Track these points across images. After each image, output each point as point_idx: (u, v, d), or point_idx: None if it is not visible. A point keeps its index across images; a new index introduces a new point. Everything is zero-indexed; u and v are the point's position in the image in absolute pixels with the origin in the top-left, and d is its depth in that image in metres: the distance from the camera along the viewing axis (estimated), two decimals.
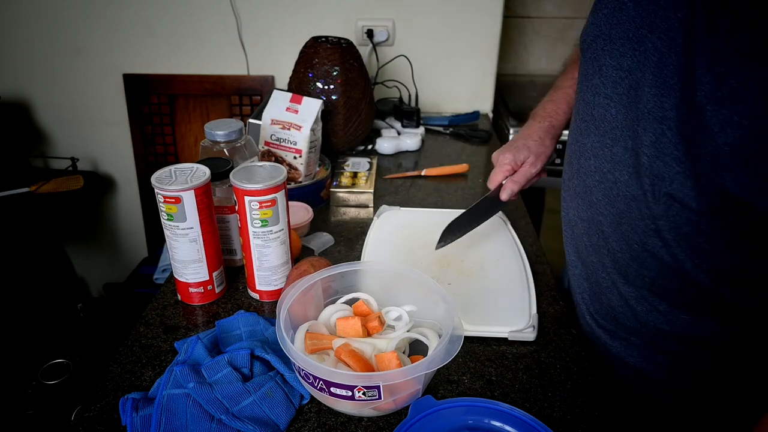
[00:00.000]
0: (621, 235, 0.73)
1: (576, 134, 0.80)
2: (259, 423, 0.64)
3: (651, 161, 0.63)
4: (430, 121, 1.60)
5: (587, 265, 0.83)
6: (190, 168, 0.80)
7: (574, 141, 0.81)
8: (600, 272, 0.79)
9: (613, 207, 0.72)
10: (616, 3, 0.69)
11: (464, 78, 1.73)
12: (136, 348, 0.77)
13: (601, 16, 0.72)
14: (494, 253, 0.95)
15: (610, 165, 0.71)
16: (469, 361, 0.75)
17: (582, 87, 0.78)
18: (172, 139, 1.86)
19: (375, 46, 1.65)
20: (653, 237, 0.68)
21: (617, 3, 0.68)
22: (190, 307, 0.86)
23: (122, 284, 1.86)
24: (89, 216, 2.03)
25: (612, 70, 0.69)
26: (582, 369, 0.74)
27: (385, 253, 0.95)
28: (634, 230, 0.70)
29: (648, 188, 0.65)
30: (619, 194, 0.71)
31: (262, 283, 0.85)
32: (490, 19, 1.64)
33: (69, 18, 1.73)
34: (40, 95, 1.86)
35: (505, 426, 0.64)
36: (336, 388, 0.62)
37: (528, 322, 0.79)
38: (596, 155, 0.74)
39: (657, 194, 0.64)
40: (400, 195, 1.22)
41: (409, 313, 0.74)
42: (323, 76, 1.27)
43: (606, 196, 0.73)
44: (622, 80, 0.67)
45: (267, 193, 0.77)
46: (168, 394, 0.66)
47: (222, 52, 1.74)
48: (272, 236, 0.81)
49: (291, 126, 1.13)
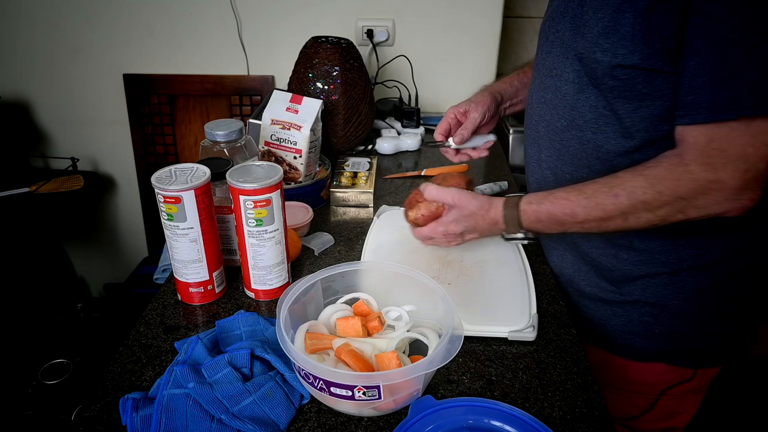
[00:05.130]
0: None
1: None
2: (259, 423, 0.64)
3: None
4: (430, 121, 1.60)
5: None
6: (190, 168, 0.81)
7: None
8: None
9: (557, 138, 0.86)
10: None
11: (464, 78, 1.73)
12: (136, 348, 0.77)
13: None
14: (494, 253, 0.95)
15: (552, 107, 0.85)
16: (469, 361, 0.75)
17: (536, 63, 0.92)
18: (172, 139, 1.86)
19: (375, 46, 1.65)
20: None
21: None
22: (190, 307, 0.86)
23: (122, 284, 1.86)
24: (89, 216, 2.03)
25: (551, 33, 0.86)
26: (582, 369, 0.74)
27: (385, 253, 0.95)
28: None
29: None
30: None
31: (257, 282, 0.85)
32: (490, 19, 1.64)
33: (69, 18, 1.73)
34: (40, 95, 1.86)
35: (505, 426, 0.64)
36: (336, 388, 0.62)
37: (528, 322, 0.79)
38: (541, 101, 0.88)
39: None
40: (400, 195, 1.22)
41: (409, 313, 0.74)
42: (323, 76, 1.27)
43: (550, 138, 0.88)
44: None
45: (261, 193, 0.77)
46: (168, 394, 0.66)
47: (222, 52, 1.74)
48: (267, 236, 0.81)
49: (291, 126, 1.13)
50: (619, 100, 0.75)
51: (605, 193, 0.74)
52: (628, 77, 0.72)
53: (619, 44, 0.71)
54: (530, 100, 0.93)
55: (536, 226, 0.81)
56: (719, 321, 0.88)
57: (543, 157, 0.90)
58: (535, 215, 0.80)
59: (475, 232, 0.86)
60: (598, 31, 0.73)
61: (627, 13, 0.69)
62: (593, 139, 0.80)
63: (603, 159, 0.80)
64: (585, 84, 0.79)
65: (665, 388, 0.93)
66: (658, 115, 0.74)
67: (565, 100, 0.82)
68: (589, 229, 0.78)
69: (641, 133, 0.76)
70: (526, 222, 0.81)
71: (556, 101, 0.84)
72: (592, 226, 0.77)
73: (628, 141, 0.77)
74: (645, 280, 0.86)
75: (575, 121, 0.82)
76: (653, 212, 0.72)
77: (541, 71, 0.89)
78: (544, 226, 0.80)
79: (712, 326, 0.88)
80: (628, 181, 0.73)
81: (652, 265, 0.85)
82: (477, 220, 0.84)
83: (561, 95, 0.83)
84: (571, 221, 0.77)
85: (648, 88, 0.72)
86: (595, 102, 0.78)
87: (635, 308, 0.88)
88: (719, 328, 0.89)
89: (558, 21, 0.84)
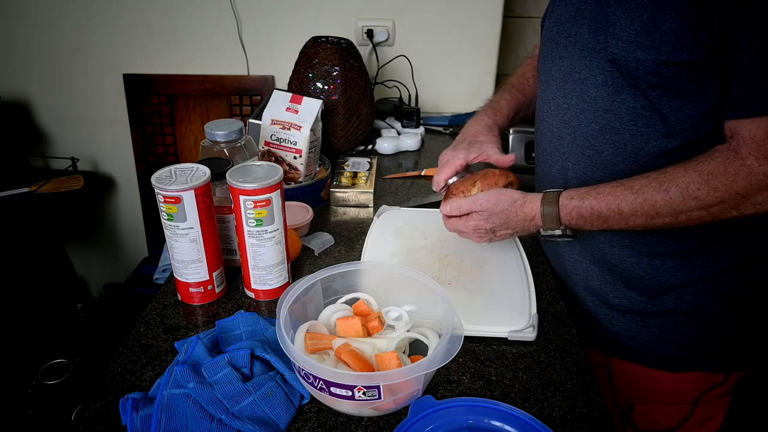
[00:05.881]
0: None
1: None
2: (259, 423, 0.64)
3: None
4: (430, 121, 1.60)
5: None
6: (190, 168, 0.81)
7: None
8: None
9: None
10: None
11: (464, 78, 1.73)
12: (136, 348, 0.77)
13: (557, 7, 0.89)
14: (494, 252, 0.95)
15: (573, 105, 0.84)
16: (469, 361, 0.75)
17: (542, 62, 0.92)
18: (172, 139, 1.86)
19: (375, 46, 1.65)
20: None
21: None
22: (190, 307, 0.86)
23: (122, 284, 1.86)
24: (89, 216, 2.03)
25: (561, 37, 0.86)
26: (582, 369, 0.74)
27: (385, 253, 0.95)
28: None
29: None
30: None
31: (257, 281, 0.85)
32: (490, 19, 1.64)
33: (69, 18, 1.73)
34: (40, 95, 1.86)
35: (505, 426, 0.64)
36: (336, 388, 0.62)
37: (528, 322, 0.79)
38: (563, 107, 0.85)
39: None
40: (400, 195, 1.22)
41: (409, 313, 0.74)
42: (323, 76, 1.27)
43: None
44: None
45: (262, 193, 0.77)
46: (168, 394, 0.66)
47: (222, 52, 1.74)
48: (267, 236, 0.81)
49: (291, 126, 1.13)
50: (663, 99, 0.73)
51: (655, 189, 0.72)
52: (674, 74, 0.71)
53: (663, 41, 0.69)
54: (546, 108, 0.90)
55: (577, 222, 0.78)
56: (754, 323, 0.87)
57: (569, 165, 0.87)
58: (577, 211, 0.77)
59: (508, 229, 0.84)
60: (635, 29, 0.71)
61: (668, 9, 0.68)
62: (631, 142, 0.78)
63: (642, 162, 0.78)
64: (620, 85, 0.76)
65: (699, 395, 0.91)
66: (704, 112, 0.72)
67: (595, 103, 0.80)
68: (634, 226, 0.75)
69: (687, 131, 0.74)
70: (566, 218, 0.79)
71: (584, 106, 0.82)
72: (638, 223, 0.75)
73: (671, 141, 0.75)
74: (681, 289, 0.84)
75: (610, 125, 0.79)
76: (707, 209, 0.70)
77: (556, 77, 0.87)
78: (586, 222, 0.78)
79: (747, 329, 0.87)
80: (679, 177, 0.71)
81: (688, 271, 0.83)
82: (509, 216, 0.82)
83: (590, 99, 0.80)
84: (617, 218, 0.75)
85: (695, 83, 0.70)
86: (632, 103, 0.76)
87: (669, 318, 0.86)
88: (753, 331, 0.88)
89: (570, 25, 0.83)
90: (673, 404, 0.93)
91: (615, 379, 0.96)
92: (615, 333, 0.92)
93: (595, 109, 0.80)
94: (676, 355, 0.88)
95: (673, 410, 0.94)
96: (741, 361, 0.90)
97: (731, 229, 0.79)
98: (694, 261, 0.82)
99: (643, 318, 0.88)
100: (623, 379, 0.96)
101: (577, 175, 0.86)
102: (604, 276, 0.89)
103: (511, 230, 0.85)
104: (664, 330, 0.87)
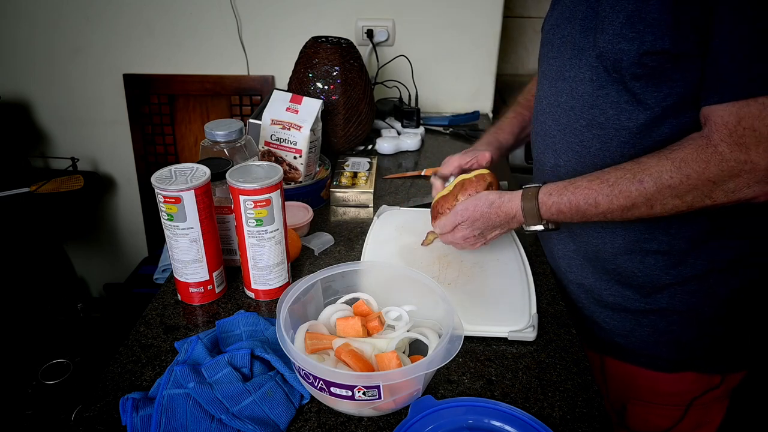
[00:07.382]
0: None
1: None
2: (259, 423, 0.64)
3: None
4: (430, 121, 1.60)
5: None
6: (190, 168, 0.81)
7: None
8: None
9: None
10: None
11: (464, 78, 1.73)
12: (136, 348, 0.77)
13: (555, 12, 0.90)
14: (494, 253, 0.95)
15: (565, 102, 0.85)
16: (469, 361, 0.75)
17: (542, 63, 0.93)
18: (172, 139, 1.86)
19: (375, 46, 1.65)
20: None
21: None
22: (190, 307, 0.86)
23: (122, 284, 1.86)
24: (89, 216, 2.03)
25: (556, 38, 0.87)
26: (582, 369, 0.74)
27: (385, 253, 0.95)
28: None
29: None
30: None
31: (257, 281, 0.85)
32: (490, 19, 1.64)
33: (69, 18, 1.73)
34: (40, 95, 1.86)
35: (505, 426, 0.64)
36: (336, 388, 0.62)
37: (528, 322, 0.79)
38: (554, 105, 0.87)
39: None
40: (400, 195, 1.22)
41: (409, 313, 0.74)
42: (323, 76, 1.27)
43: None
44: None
45: (262, 193, 0.77)
46: (168, 394, 0.66)
47: (222, 52, 1.74)
48: (267, 236, 0.81)
49: (291, 126, 1.13)
50: (647, 90, 0.74)
51: (629, 180, 0.73)
52: (656, 64, 0.71)
53: (646, 31, 0.70)
54: (539, 107, 0.92)
55: (557, 217, 0.80)
56: (749, 323, 0.87)
57: (561, 162, 0.88)
58: (556, 207, 0.79)
59: (495, 229, 0.86)
60: (620, 21, 0.72)
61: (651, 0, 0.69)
62: (616, 136, 0.79)
63: (628, 156, 0.79)
64: (604, 80, 0.77)
65: (694, 397, 0.91)
66: (688, 103, 0.73)
67: (582, 99, 0.81)
68: (611, 218, 0.76)
69: (671, 123, 0.75)
70: (546, 213, 0.80)
71: (572, 102, 0.83)
72: (615, 215, 0.76)
73: (655, 133, 0.76)
74: (674, 287, 0.84)
75: (595, 119, 0.80)
76: (680, 198, 0.71)
77: (549, 77, 0.88)
78: (566, 216, 0.79)
79: (742, 329, 0.87)
80: (653, 167, 0.72)
81: (681, 270, 0.83)
82: (490, 218, 0.84)
83: (578, 96, 0.82)
84: (594, 211, 0.76)
85: (678, 73, 0.71)
86: (616, 97, 0.77)
87: (662, 317, 0.86)
88: (749, 331, 0.87)
89: (563, 26, 0.84)
90: (667, 406, 0.93)
91: (609, 379, 0.97)
92: (609, 331, 0.92)
93: (582, 105, 0.82)
94: (669, 355, 0.88)
95: (668, 412, 0.93)
96: (735, 361, 0.90)
97: (725, 229, 0.79)
98: (687, 260, 0.82)
99: (636, 317, 0.88)
100: (617, 379, 0.95)
101: (568, 172, 0.87)
102: (597, 273, 0.90)
103: (499, 230, 0.87)
104: (656, 329, 0.87)
